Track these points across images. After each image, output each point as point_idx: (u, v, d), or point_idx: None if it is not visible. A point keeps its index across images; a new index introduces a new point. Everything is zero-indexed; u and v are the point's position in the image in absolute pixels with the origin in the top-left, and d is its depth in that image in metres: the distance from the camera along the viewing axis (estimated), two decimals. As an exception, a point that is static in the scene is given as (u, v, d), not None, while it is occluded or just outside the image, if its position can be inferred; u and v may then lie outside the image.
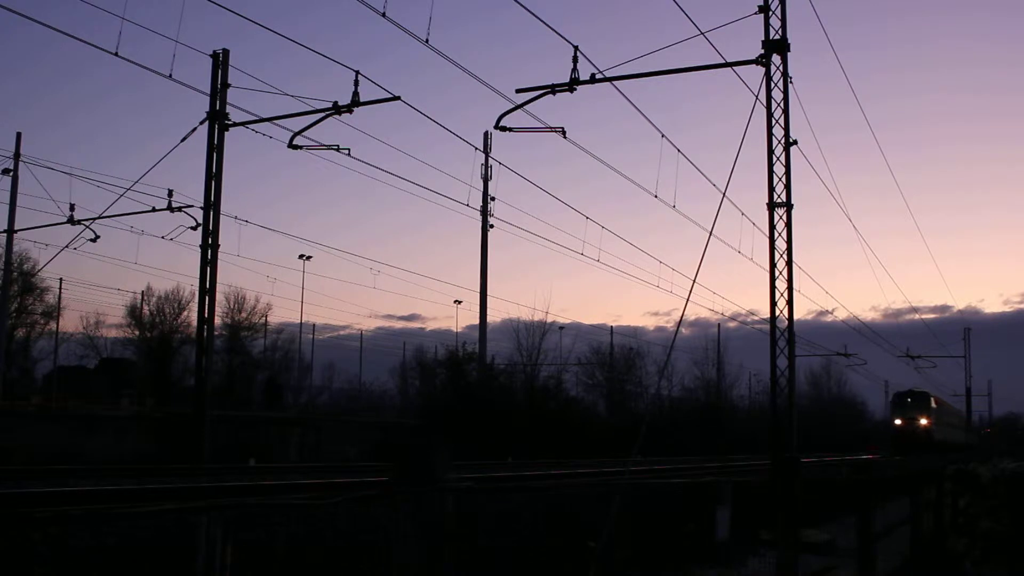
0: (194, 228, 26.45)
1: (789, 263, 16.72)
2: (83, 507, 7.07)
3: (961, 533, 18.83)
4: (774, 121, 16.75)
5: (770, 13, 16.68)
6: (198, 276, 25.25)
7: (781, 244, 16.74)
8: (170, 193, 27.09)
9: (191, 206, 26.66)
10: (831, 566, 11.77)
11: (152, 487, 9.09)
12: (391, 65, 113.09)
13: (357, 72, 21.61)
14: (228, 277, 78.94)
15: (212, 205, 25.16)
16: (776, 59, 16.67)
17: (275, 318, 67.19)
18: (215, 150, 25.02)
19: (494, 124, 18.95)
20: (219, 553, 2.79)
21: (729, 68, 16.79)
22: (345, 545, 7.64)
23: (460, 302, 61.36)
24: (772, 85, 16.65)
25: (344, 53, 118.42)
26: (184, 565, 5.61)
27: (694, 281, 12.30)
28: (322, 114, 22.63)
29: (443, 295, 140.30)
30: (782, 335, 16.68)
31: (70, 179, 41.47)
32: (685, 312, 47.71)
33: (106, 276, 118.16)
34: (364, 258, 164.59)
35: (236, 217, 33.04)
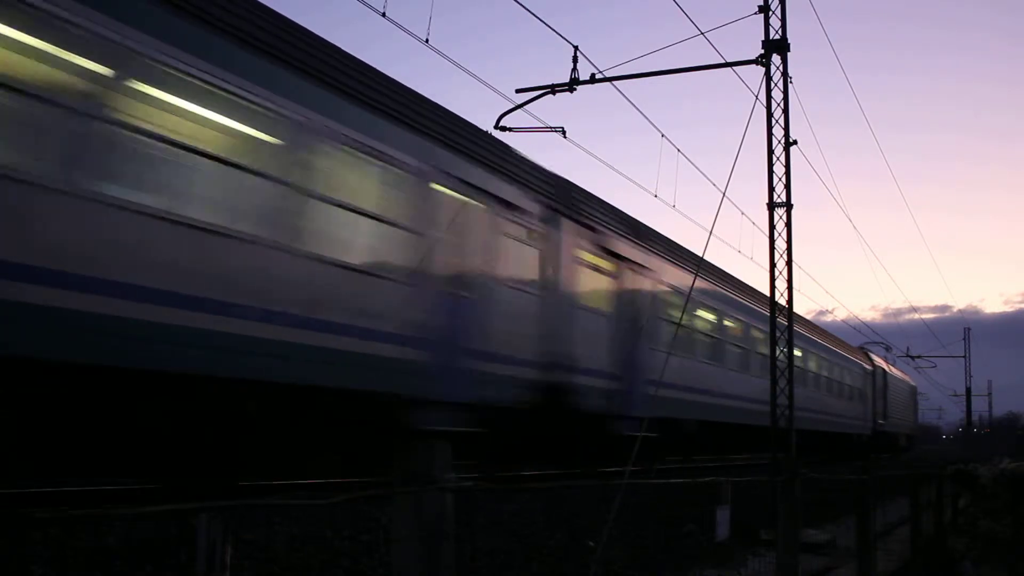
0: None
1: (789, 263, 16.72)
2: (83, 507, 7.07)
3: (961, 533, 18.86)
4: (774, 121, 16.74)
5: (770, 13, 16.67)
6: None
7: (781, 244, 16.73)
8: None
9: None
10: (831, 566, 11.76)
11: (152, 486, 9.08)
12: (390, 65, 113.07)
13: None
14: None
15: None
16: (776, 59, 16.66)
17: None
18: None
19: (494, 124, 18.97)
20: (219, 553, 2.80)
21: (729, 68, 16.80)
22: (345, 545, 7.65)
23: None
24: (772, 85, 16.64)
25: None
26: (183, 565, 5.61)
27: (694, 281, 12.28)
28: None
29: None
30: (782, 335, 16.69)
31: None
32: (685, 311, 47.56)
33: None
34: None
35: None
